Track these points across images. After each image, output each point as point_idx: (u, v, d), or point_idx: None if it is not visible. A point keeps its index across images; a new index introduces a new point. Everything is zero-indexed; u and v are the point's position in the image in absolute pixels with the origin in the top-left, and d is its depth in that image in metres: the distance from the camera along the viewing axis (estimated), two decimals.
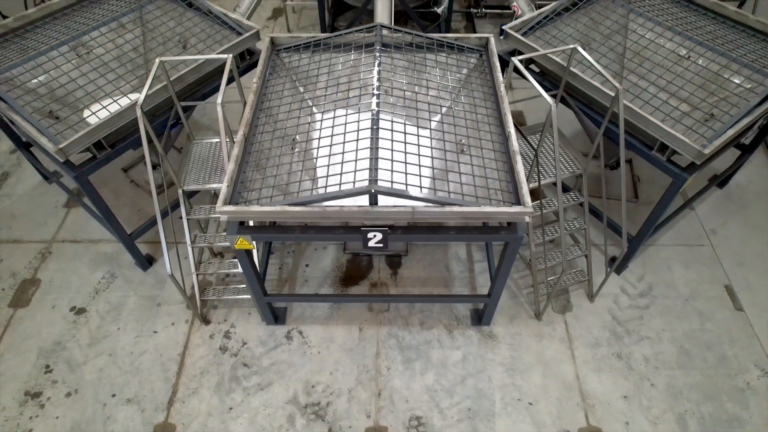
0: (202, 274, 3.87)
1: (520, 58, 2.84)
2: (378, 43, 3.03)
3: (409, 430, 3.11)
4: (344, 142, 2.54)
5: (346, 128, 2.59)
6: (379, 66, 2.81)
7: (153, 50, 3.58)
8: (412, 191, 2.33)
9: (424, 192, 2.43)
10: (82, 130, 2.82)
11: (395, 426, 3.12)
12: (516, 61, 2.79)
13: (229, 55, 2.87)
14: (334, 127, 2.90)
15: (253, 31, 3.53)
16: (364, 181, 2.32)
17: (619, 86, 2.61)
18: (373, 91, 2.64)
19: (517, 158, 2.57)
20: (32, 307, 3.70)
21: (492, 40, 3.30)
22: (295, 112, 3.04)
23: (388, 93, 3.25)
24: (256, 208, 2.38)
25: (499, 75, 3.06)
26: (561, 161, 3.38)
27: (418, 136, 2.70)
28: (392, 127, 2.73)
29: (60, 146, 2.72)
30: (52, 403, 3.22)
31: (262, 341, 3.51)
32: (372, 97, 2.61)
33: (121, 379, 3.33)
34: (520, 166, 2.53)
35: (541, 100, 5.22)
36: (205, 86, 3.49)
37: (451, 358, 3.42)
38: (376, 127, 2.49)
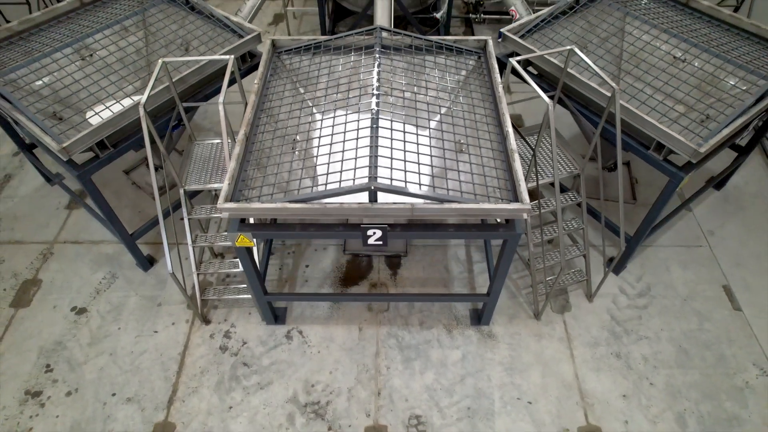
0: (203, 274, 3.89)
1: (517, 59, 2.88)
2: (378, 45, 3.06)
3: (409, 428, 3.12)
4: (344, 141, 2.57)
5: (346, 128, 2.62)
6: (379, 67, 2.84)
7: (155, 53, 3.62)
8: (412, 188, 2.36)
9: (424, 189, 2.46)
10: (85, 129, 2.85)
11: (395, 425, 3.13)
12: (514, 62, 2.82)
13: (231, 56, 2.91)
14: (334, 127, 2.93)
15: (255, 34, 3.57)
16: (363, 178, 2.35)
17: (616, 86, 2.65)
18: (372, 91, 2.67)
19: (515, 156, 2.60)
20: (33, 307, 3.71)
21: (490, 42, 3.35)
22: (296, 112, 3.07)
23: (388, 94, 3.29)
24: (256, 205, 2.41)
25: (498, 76, 3.10)
26: (559, 161, 3.41)
27: (417, 135, 2.73)
28: (392, 127, 2.76)
29: (63, 145, 2.75)
30: (52, 402, 3.23)
31: (262, 341, 3.52)
32: (372, 97, 2.65)
33: (121, 378, 3.34)
34: (518, 165, 2.56)
35: (540, 103, 5.26)
36: (206, 88, 3.53)
37: (450, 357, 3.43)
38: (375, 127, 2.53)
